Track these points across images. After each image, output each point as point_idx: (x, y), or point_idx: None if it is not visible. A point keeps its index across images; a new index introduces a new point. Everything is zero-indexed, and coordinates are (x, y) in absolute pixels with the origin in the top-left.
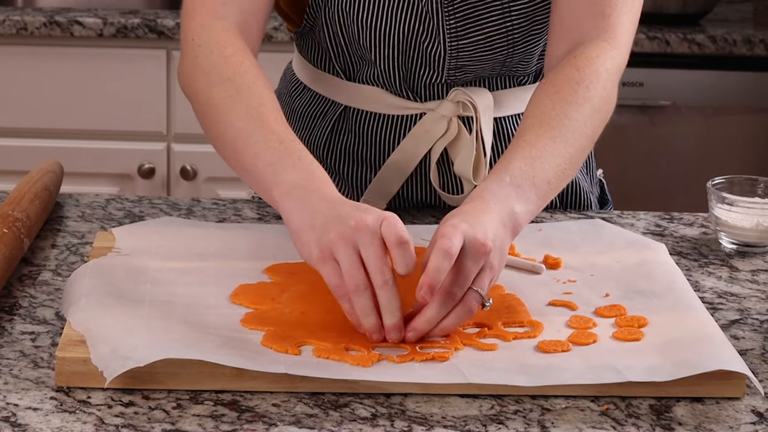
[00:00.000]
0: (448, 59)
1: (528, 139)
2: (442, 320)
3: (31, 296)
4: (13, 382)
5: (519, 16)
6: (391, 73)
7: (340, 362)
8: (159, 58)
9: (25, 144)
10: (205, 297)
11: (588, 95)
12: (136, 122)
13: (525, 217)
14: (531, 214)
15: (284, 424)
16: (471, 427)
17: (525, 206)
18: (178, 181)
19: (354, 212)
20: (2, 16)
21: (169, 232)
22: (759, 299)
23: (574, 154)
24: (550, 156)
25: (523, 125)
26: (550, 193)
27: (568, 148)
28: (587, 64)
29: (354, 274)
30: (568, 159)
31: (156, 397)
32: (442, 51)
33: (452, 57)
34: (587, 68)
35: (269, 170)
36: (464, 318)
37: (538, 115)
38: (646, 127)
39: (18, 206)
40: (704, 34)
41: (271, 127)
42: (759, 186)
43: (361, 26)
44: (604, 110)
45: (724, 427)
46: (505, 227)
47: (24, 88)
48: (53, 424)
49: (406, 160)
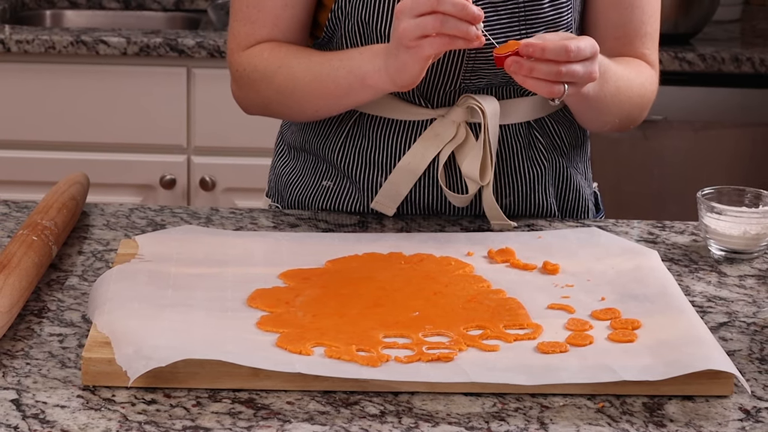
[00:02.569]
0: (465, 62)
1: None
2: (529, 73)
3: (59, 300)
4: (42, 381)
5: (533, 20)
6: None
7: (350, 362)
8: (180, 75)
9: (52, 156)
10: (223, 301)
11: (642, 71)
12: (158, 136)
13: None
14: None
15: (298, 421)
16: (474, 424)
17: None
18: (198, 191)
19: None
20: (32, 36)
21: (189, 239)
22: (746, 303)
23: (628, 92)
24: (623, 80)
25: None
26: (605, 90)
27: (630, 84)
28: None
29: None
30: (625, 91)
31: (177, 396)
32: (461, 54)
33: (469, 59)
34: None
35: (352, 78)
36: (543, 92)
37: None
38: (639, 140)
39: (46, 215)
40: (694, 52)
41: (329, 62)
42: (746, 196)
43: (380, 37)
44: (646, 97)
45: (713, 423)
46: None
47: (52, 103)
48: (80, 420)
49: (417, 163)
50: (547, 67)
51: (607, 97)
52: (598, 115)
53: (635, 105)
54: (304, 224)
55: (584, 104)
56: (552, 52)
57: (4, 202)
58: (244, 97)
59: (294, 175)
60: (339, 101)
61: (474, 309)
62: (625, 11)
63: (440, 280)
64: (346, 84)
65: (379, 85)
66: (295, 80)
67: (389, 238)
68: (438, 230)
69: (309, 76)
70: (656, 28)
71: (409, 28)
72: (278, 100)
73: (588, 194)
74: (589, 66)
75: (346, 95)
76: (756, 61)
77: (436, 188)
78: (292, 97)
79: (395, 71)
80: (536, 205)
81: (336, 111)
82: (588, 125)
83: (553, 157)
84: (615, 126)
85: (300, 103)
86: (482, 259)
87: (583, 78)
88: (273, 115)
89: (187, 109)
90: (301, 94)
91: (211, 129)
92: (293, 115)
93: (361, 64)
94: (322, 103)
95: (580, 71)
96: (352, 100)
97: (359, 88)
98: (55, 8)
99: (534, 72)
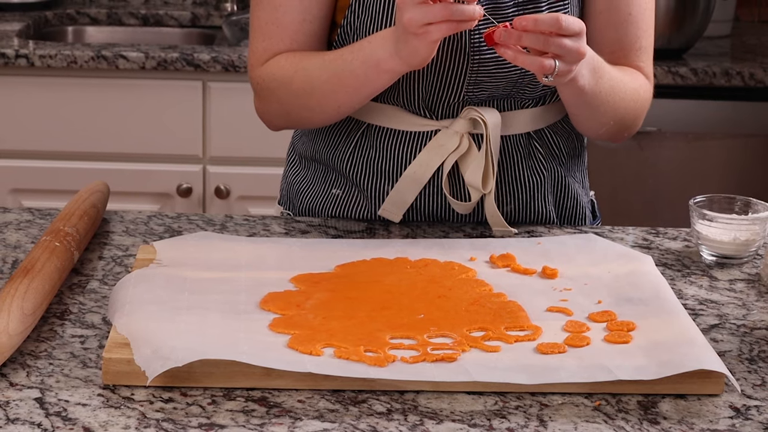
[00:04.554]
0: (469, 74)
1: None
2: (521, 52)
3: (80, 303)
4: (65, 380)
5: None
6: (413, 94)
7: (358, 362)
8: (196, 89)
9: (74, 166)
10: (237, 304)
11: (636, 78)
12: (175, 146)
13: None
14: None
15: (308, 418)
16: (477, 421)
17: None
18: (213, 199)
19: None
20: (54, 51)
21: (205, 245)
22: (736, 306)
23: (622, 94)
24: (618, 80)
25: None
26: (600, 86)
27: (625, 87)
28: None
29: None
30: (619, 92)
31: (193, 394)
32: (464, 67)
33: (473, 71)
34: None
35: (367, 66)
36: (534, 66)
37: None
38: (635, 150)
39: (69, 222)
40: (687, 67)
41: (341, 57)
42: (736, 204)
43: None
44: (640, 102)
45: (705, 420)
46: (591, 64)
47: (74, 116)
48: (100, 418)
49: (422, 172)
50: (535, 36)
51: (602, 93)
52: (594, 113)
53: (630, 108)
54: (315, 231)
55: (581, 99)
56: (544, 23)
57: (28, 210)
58: (267, 111)
59: (305, 183)
60: (359, 92)
61: (476, 311)
62: (621, 27)
63: (444, 284)
64: (362, 73)
65: (395, 68)
66: (312, 80)
67: (395, 243)
68: (442, 236)
69: (326, 73)
70: (651, 42)
71: (415, 17)
72: (299, 104)
73: (585, 202)
74: (577, 41)
75: (365, 84)
76: (746, 75)
77: (441, 196)
78: (312, 98)
79: (407, 55)
80: (536, 212)
81: (357, 103)
82: (585, 128)
83: (552, 166)
84: (611, 129)
85: (320, 103)
86: (484, 264)
87: (572, 52)
88: (296, 124)
89: (203, 121)
90: (320, 93)
91: (226, 140)
92: (314, 118)
93: (373, 51)
94: (342, 98)
95: (569, 44)
96: (371, 88)
97: (376, 74)
98: (77, 25)
99: (522, 40)
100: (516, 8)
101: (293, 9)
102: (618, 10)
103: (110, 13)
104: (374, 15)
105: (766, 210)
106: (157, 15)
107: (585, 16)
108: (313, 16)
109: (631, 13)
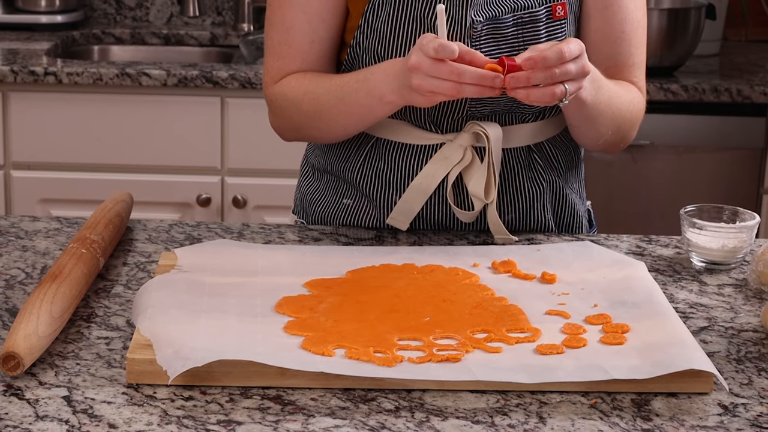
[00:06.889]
0: None
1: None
2: (532, 88)
3: (105, 307)
4: (91, 379)
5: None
6: (420, 110)
7: (368, 363)
8: (214, 105)
9: (100, 177)
10: (253, 307)
11: (630, 90)
12: (195, 159)
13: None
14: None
15: (321, 415)
16: (480, 418)
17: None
18: (231, 208)
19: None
20: (81, 69)
21: (223, 252)
22: (724, 309)
23: (618, 105)
24: (614, 92)
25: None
26: (599, 97)
27: (621, 98)
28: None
29: (439, 81)
30: (616, 103)
31: (212, 393)
32: None
33: None
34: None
35: (371, 98)
36: (547, 99)
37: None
38: (628, 162)
39: (94, 230)
40: (678, 84)
41: (348, 85)
42: (724, 213)
43: None
44: (634, 113)
45: (695, 417)
46: (592, 77)
47: (99, 130)
48: (124, 415)
49: (428, 183)
50: (543, 73)
51: (601, 104)
52: (594, 124)
53: (626, 119)
54: (327, 238)
55: (582, 112)
56: (551, 59)
57: (56, 219)
58: (279, 126)
59: (317, 194)
60: (364, 118)
61: (479, 315)
62: (614, 44)
63: (449, 289)
64: (366, 104)
65: (397, 102)
66: (320, 104)
67: (403, 250)
68: (447, 244)
69: (332, 99)
70: (643, 58)
71: (424, 85)
72: (308, 123)
73: (582, 211)
74: (579, 62)
75: (368, 114)
76: (733, 92)
77: (445, 206)
78: (320, 120)
79: (409, 98)
80: (535, 221)
81: (363, 127)
82: (585, 139)
83: (551, 177)
84: (608, 140)
85: (328, 125)
86: (487, 270)
87: (578, 73)
88: (307, 139)
89: (221, 135)
90: (327, 117)
91: (243, 152)
92: (323, 137)
93: (376, 85)
94: (348, 122)
95: (574, 68)
96: (375, 117)
97: (378, 105)
98: (103, 44)
99: (531, 80)
100: (516, 27)
101: (302, 31)
102: (612, 28)
103: (134, 33)
104: (382, 35)
105: (752, 219)
106: (178, 35)
107: (581, 33)
108: (321, 37)
109: (624, 30)
